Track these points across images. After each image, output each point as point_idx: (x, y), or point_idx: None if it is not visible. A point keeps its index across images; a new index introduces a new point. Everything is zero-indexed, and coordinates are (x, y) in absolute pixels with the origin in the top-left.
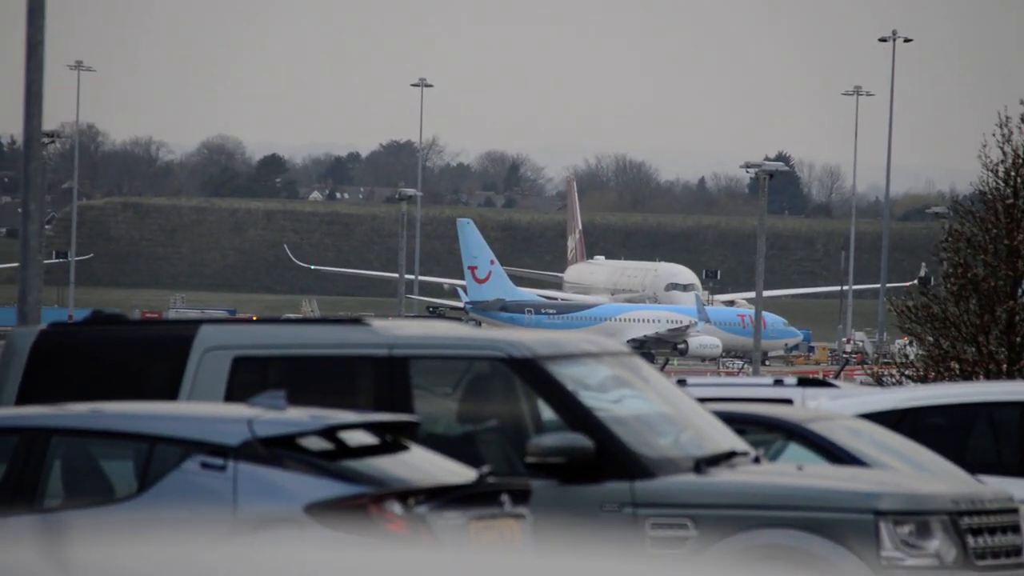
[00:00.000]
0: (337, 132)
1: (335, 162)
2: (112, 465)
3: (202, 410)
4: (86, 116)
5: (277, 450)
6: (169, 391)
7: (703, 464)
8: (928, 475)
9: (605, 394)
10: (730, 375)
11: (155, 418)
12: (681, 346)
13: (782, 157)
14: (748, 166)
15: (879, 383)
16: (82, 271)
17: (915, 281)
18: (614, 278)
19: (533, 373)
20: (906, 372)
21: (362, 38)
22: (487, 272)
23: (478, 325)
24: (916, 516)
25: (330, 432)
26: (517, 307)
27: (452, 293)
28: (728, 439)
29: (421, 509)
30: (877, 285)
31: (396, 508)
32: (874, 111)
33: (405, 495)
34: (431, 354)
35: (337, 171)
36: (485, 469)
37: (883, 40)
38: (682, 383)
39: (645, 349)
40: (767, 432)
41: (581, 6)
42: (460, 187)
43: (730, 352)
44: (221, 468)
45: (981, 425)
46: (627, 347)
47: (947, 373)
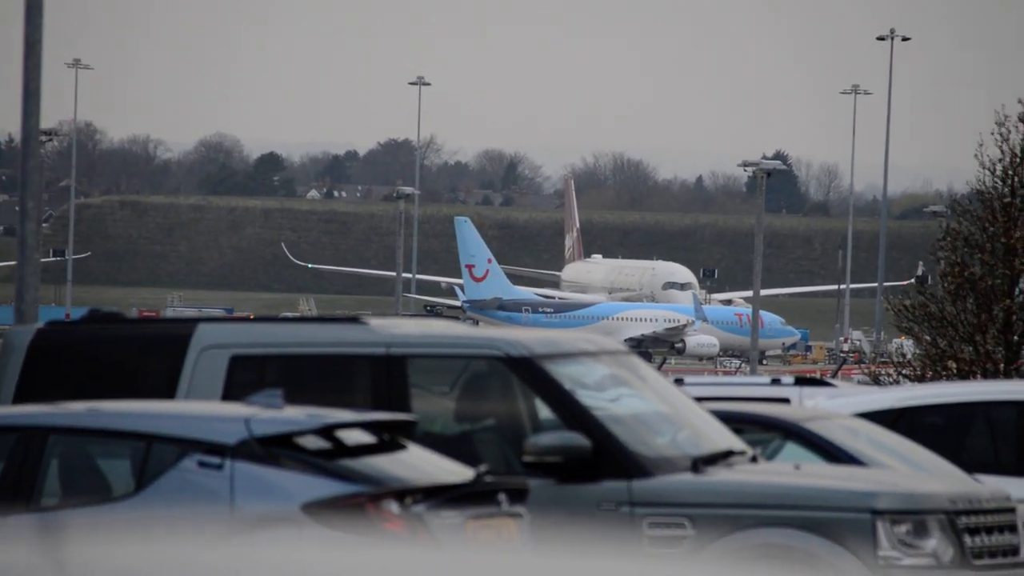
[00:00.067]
0: (335, 130)
1: (333, 160)
2: (109, 464)
3: (199, 409)
4: (84, 114)
5: (274, 449)
6: (166, 390)
7: (700, 463)
8: (925, 474)
9: (602, 393)
10: (727, 374)
11: (152, 417)
12: (678, 345)
13: (780, 156)
14: (746, 165)
15: (876, 382)
16: (79, 269)
17: (912, 280)
18: (611, 277)
19: (530, 372)
20: (903, 371)
21: (360, 37)
22: (484, 271)
23: (475, 324)
24: (913, 515)
25: (327, 431)
26: (514, 306)
27: (450, 292)
28: (725, 438)
29: (418, 508)
30: (875, 284)
31: (394, 507)
32: (872, 110)
33: (403, 494)
34: (428, 353)
35: (335, 169)
36: (482, 468)
37: (881, 39)
38: (679, 382)
39: (642, 348)
40: (764, 431)
41: (579, 5)
42: (458, 186)
43: (727, 351)
44: (218, 467)
45: (978, 424)
46: (624, 346)
47: (944, 372)
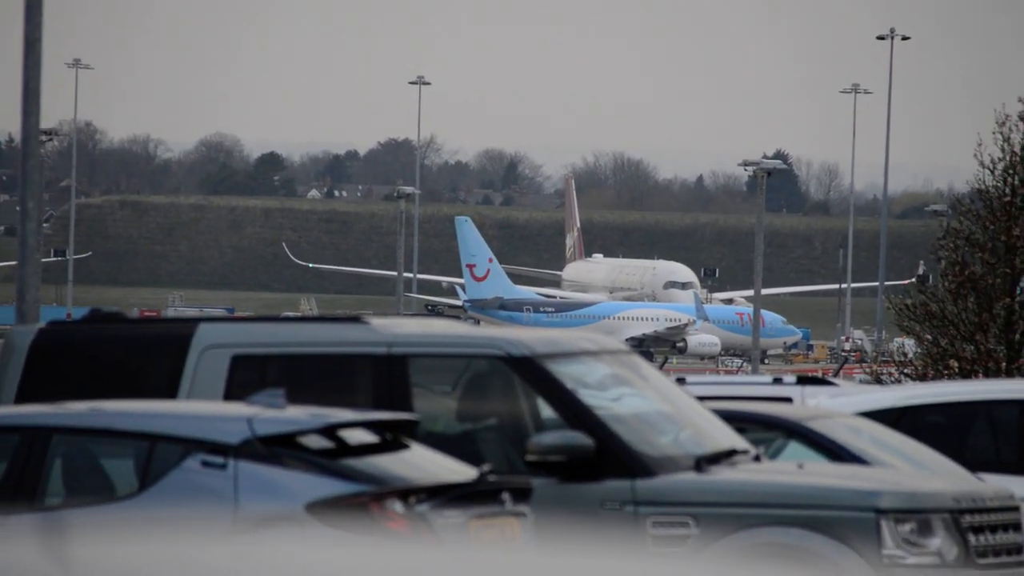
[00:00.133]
0: (335, 130)
1: (333, 160)
2: (112, 464)
3: (202, 408)
4: (84, 114)
5: (277, 448)
6: (168, 389)
7: (703, 462)
8: (928, 473)
9: (604, 392)
10: (729, 373)
11: (155, 417)
12: (680, 344)
13: (780, 155)
14: (746, 164)
15: (878, 381)
16: (80, 269)
17: (913, 279)
18: (612, 276)
19: (532, 371)
20: (905, 370)
21: (360, 36)
22: (485, 270)
23: (477, 323)
24: (917, 514)
25: (330, 430)
26: (516, 305)
27: (451, 291)
28: (728, 437)
29: (422, 507)
30: (875, 283)
31: (397, 506)
32: (872, 109)
33: (406, 493)
34: (430, 352)
35: (335, 169)
36: (485, 467)
37: (881, 38)
38: (681, 381)
39: (644, 347)
40: (767, 430)
41: (579, 4)
42: (458, 185)
43: (729, 350)
44: (221, 467)
45: (980, 423)
46: (626, 345)
47: (946, 371)
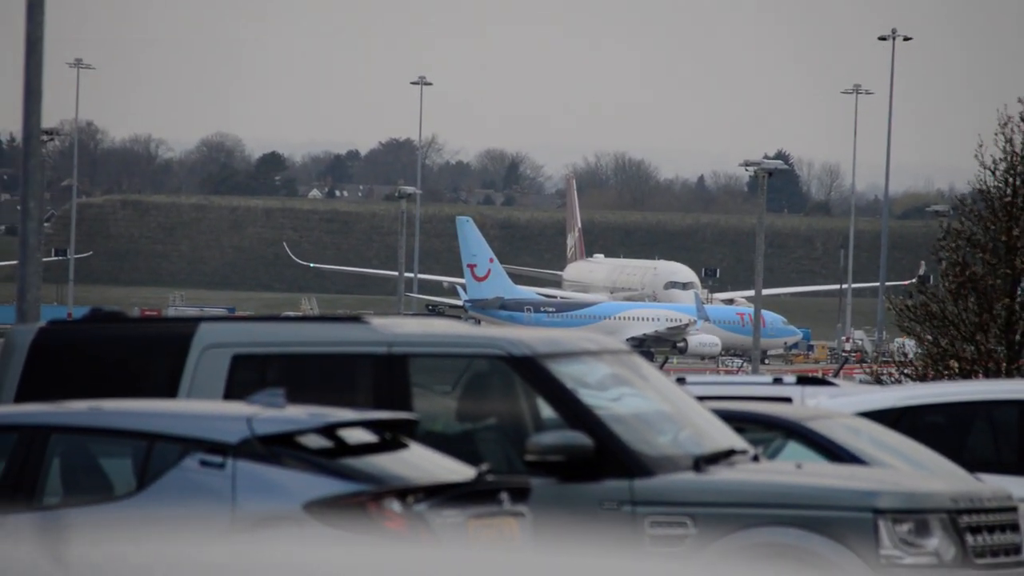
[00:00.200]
0: (336, 130)
1: (334, 160)
2: (111, 463)
3: (201, 408)
4: (85, 113)
5: (276, 448)
6: (168, 389)
7: (702, 462)
8: (927, 473)
9: (604, 392)
10: (729, 373)
11: (154, 416)
12: (680, 344)
13: (781, 155)
14: (747, 164)
15: (878, 381)
16: (81, 269)
17: (914, 280)
18: (613, 276)
19: (532, 371)
20: (905, 370)
21: (361, 36)
22: (486, 270)
23: (477, 323)
24: (915, 514)
25: (329, 430)
26: (516, 305)
27: (451, 291)
28: (727, 437)
29: (420, 507)
30: (876, 284)
31: (395, 506)
32: (873, 109)
33: (404, 493)
34: (430, 352)
35: (336, 169)
36: (484, 467)
37: (882, 38)
38: (681, 381)
39: (644, 347)
40: (766, 430)
41: (579, 5)
42: (459, 185)
43: (729, 350)
44: (220, 466)
45: (980, 423)
46: (626, 345)
47: (946, 371)
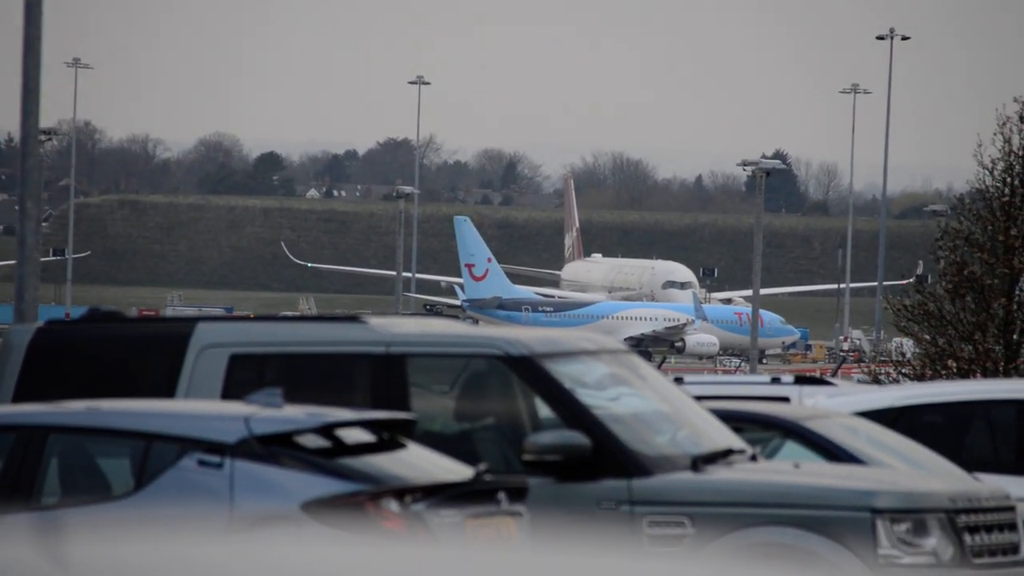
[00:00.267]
0: (334, 130)
1: (332, 160)
2: (109, 463)
3: (199, 408)
4: (83, 113)
5: (274, 448)
6: (166, 389)
7: (700, 462)
8: (925, 473)
9: (602, 392)
10: (727, 373)
11: (152, 416)
12: (678, 344)
13: (779, 155)
14: (745, 164)
15: (876, 381)
16: (79, 269)
17: (912, 279)
18: (611, 276)
19: (530, 371)
20: (903, 370)
21: (359, 36)
22: (484, 270)
23: (475, 323)
24: (913, 514)
25: (327, 430)
26: (514, 305)
27: (449, 291)
28: (725, 437)
29: (418, 507)
30: (874, 283)
31: (393, 506)
32: (871, 109)
33: (402, 493)
34: (428, 352)
35: (334, 169)
36: (482, 467)
37: (881, 38)
38: (679, 381)
39: (642, 347)
40: (764, 430)
41: (579, 5)
42: (457, 185)
43: (727, 350)
44: (218, 466)
45: (978, 423)
46: (624, 345)
47: (944, 371)
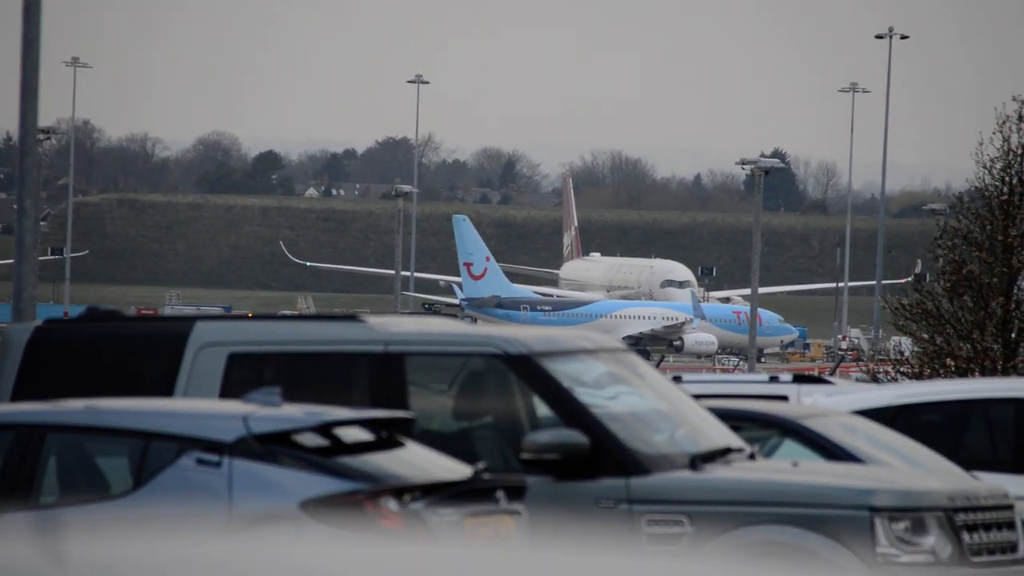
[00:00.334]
0: (333, 129)
1: (331, 159)
2: (107, 461)
3: (198, 406)
4: (82, 112)
5: (272, 446)
6: (164, 387)
7: (699, 461)
8: (923, 471)
9: (601, 391)
10: (726, 372)
11: (151, 414)
12: (677, 343)
13: (778, 154)
14: (744, 163)
15: (875, 380)
16: (77, 267)
17: (910, 278)
18: (610, 275)
19: (529, 369)
20: (901, 369)
21: (359, 35)
22: (483, 269)
23: (474, 322)
24: (911, 512)
25: (325, 428)
26: (513, 304)
27: (448, 290)
28: (723, 436)
29: (416, 505)
30: (873, 282)
31: (391, 504)
32: (870, 108)
33: (400, 491)
34: (427, 351)
35: (333, 168)
36: (480, 465)
37: (880, 37)
38: (678, 380)
39: (641, 346)
40: (763, 429)
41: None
42: (456, 184)
43: (726, 349)
44: (216, 464)
45: (976, 421)
46: (623, 344)
47: (942, 370)
